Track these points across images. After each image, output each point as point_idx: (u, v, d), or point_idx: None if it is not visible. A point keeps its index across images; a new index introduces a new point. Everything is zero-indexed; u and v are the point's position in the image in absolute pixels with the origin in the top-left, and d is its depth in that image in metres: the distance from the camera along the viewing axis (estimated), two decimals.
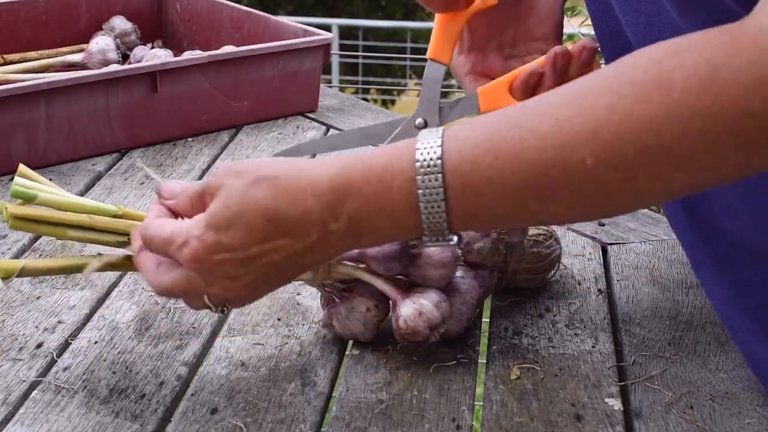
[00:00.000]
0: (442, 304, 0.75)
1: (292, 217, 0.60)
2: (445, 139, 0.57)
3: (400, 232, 0.60)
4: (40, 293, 0.87)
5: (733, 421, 0.71)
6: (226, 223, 0.61)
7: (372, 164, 0.59)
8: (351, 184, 0.59)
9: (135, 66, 1.22)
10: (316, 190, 0.60)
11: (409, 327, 0.74)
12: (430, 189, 0.57)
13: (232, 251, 0.61)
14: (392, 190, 0.58)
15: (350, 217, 0.59)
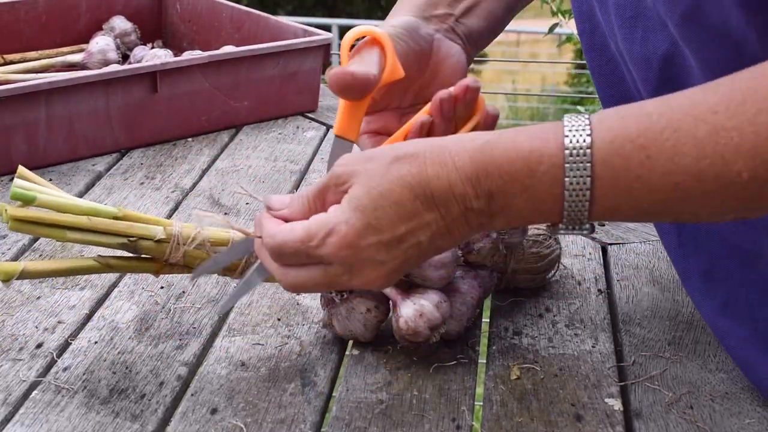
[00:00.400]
0: (442, 304, 0.75)
1: (438, 191, 0.59)
2: (594, 128, 0.57)
3: (536, 216, 0.60)
4: (40, 293, 0.88)
5: (733, 421, 0.71)
6: (372, 204, 0.60)
7: (517, 144, 0.58)
8: (494, 161, 0.58)
9: (135, 66, 1.22)
10: (457, 165, 0.59)
11: (409, 327, 0.74)
12: (577, 177, 0.57)
13: (381, 233, 0.60)
14: (538, 173, 0.57)
15: (490, 195, 0.59)
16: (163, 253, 0.74)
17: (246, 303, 0.86)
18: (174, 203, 1.07)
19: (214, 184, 1.13)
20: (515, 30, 7.68)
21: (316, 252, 0.62)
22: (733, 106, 0.53)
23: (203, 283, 0.90)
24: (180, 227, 0.74)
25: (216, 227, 0.77)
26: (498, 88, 6.86)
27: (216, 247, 0.75)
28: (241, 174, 1.15)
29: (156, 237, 0.74)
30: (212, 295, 0.88)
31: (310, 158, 1.21)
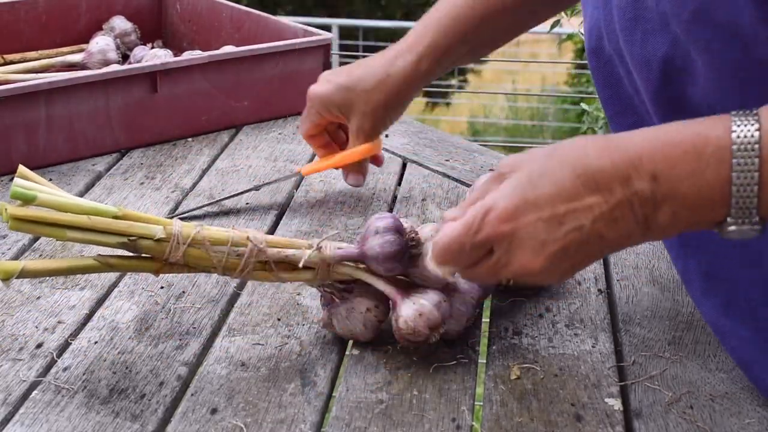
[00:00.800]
0: (442, 304, 0.75)
1: (600, 171, 0.59)
2: (762, 115, 0.57)
3: (703, 205, 0.58)
4: (40, 293, 0.87)
5: (733, 421, 0.71)
6: (532, 183, 0.61)
7: (683, 128, 0.58)
8: (659, 142, 0.58)
9: (135, 66, 1.22)
10: (620, 146, 0.59)
11: (409, 327, 0.74)
12: (745, 159, 0.56)
13: (540, 209, 0.60)
14: (705, 155, 0.57)
15: (654, 176, 0.58)
16: (163, 252, 0.74)
17: (246, 303, 0.86)
18: (174, 203, 1.07)
19: (214, 184, 1.13)
20: None
21: (478, 237, 0.62)
22: None
23: (203, 283, 0.90)
24: (180, 226, 0.74)
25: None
26: (498, 88, 6.86)
27: (215, 246, 0.75)
28: (241, 174, 1.15)
29: (156, 236, 0.74)
30: (212, 295, 0.88)
31: (310, 158, 1.21)
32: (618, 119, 0.77)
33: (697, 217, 0.59)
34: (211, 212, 1.05)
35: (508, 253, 0.63)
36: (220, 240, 0.75)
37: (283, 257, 0.77)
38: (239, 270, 0.76)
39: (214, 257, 0.75)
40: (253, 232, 0.76)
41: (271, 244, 0.77)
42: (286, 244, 0.77)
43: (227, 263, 0.75)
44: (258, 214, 1.04)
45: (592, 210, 0.59)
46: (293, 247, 0.77)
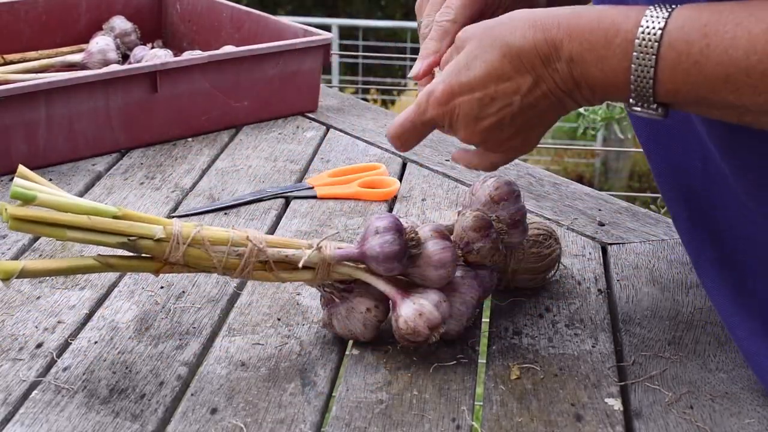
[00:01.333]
0: (442, 304, 0.75)
1: (524, 51, 0.66)
2: (672, 14, 0.61)
3: (611, 88, 0.65)
4: (40, 293, 0.87)
5: (733, 421, 0.71)
6: (465, 65, 0.69)
7: (602, 16, 0.64)
8: (578, 27, 0.64)
9: (135, 66, 1.22)
10: (545, 26, 0.65)
11: (409, 327, 0.74)
12: (644, 54, 0.61)
13: (472, 90, 0.68)
14: (612, 45, 0.63)
15: (570, 59, 0.65)
16: (163, 252, 0.74)
17: (246, 303, 0.86)
18: (174, 203, 1.07)
19: (214, 184, 1.13)
20: None
21: (425, 117, 0.72)
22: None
23: (203, 282, 0.90)
24: (180, 226, 0.74)
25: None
26: None
27: (215, 246, 0.75)
28: (241, 174, 1.15)
29: (156, 236, 0.74)
30: (212, 295, 0.88)
31: (310, 158, 1.21)
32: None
33: (609, 96, 0.66)
34: (211, 212, 1.05)
35: (450, 129, 0.72)
36: (220, 240, 0.75)
37: (283, 257, 0.77)
38: (239, 270, 0.76)
39: (214, 257, 0.75)
40: (252, 232, 0.76)
41: (271, 244, 0.77)
42: (286, 244, 0.77)
43: (227, 263, 0.75)
44: (258, 214, 1.05)
45: (520, 87, 0.67)
46: (293, 247, 0.77)
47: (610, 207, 1.08)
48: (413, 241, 0.76)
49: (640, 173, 5.62)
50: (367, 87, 5.46)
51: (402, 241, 0.76)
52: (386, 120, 1.35)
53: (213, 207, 1.06)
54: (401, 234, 0.76)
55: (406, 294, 0.76)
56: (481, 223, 0.80)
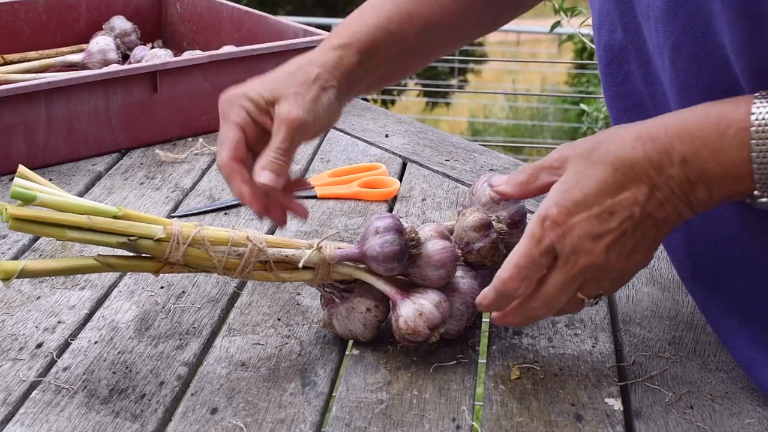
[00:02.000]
0: (442, 304, 0.75)
1: (636, 162, 0.65)
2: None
3: (731, 182, 0.63)
4: (40, 293, 0.88)
5: (733, 421, 0.71)
6: (577, 185, 0.66)
7: (708, 113, 0.63)
8: (686, 129, 0.63)
9: (135, 66, 1.22)
10: (653, 137, 0.65)
11: (409, 327, 0.74)
12: (763, 140, 0.61)
13: (589, 207, 0.66)
14: (727, 136, 0.62)
15: (684, 160, 0.63)
16: (163, 252, 0.74)
17: (246, 303, 0.86)
18: (174, 203, 1.07)
19: (214, 184, 1.13)
20: (515, 30, 7.67)
21: (542, 246, 0.68)
22: None
23: (203, 282, 0.90)
24: (179, 226, 0.74)
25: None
26: (498, 88, 6.86)
27: (215, 246, 0.75)
28: None
29: (156, 236, 0.74)
30: (212, 295, 0.88)
31: (310, 158, 1.21)
32: (624, 117, 0.77)
33: (730, 191, 0.64)
34: (211, 212, 1.05)
35: (572, 253, 0.67)
36: (220, 240, 0.75)
37: (283, 257, 0.77)
38: (239, 270, 0.76)
39: (214, 257, 0.75)
40: (252, 232, 0.76)
41: (271, 244, 0.77)
42: (286, 244, 0.77)
43: (227, 263, 0.75)
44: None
45: (636, 197, 0.65)
46: (293, 247, 0.77)
47: None
48: (413, 241, 0.76)
49: None
50: None
51: (402, 241, 0.76)
52: (386, 120, 1.35)
53: (213, 207, 1.06)
54: (401, 234, 0.76)
55: (406, 294, 0.76)
56: (481, 223, 0.80)
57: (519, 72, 7.20)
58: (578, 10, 2.05)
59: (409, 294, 0.76)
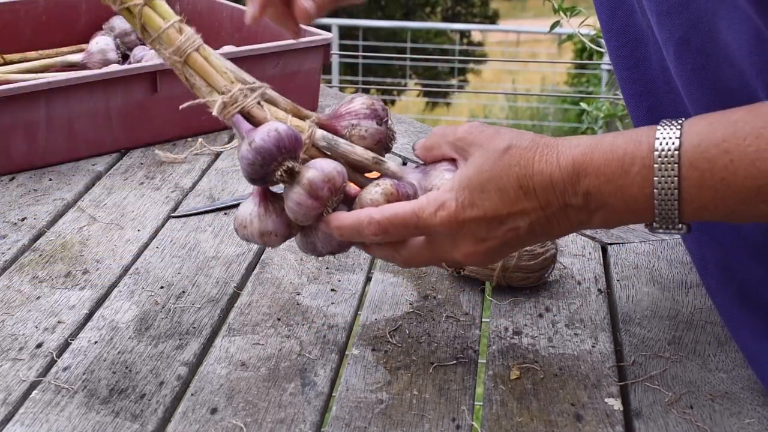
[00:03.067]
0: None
1: (541, 186, 0.65)
2: (684, 131, 0.61)
3: (631, 214, 0.64)
4: (40, 293, 0.88)
5: (733, 421, 0.71)
6: (480, 186, 0.67)
7: (614, 148, 0.63)
8: (592, 163, 0.64)
9: (135, 66, 1.22)
10: (561, 165, 0.65)
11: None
12: (665, 178, 0.61)
13: (484, 211, 0.67)
14: (630, 174, 0.62)
15: (587, 193, 0.64)
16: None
17: (246, 303, 0.86)
18: (174, 203, 1.07)
19: (214, 184, 1.13)
20: (515, 30, 7.67)
21: (425, 222, 0.68)
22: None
23: (203, 282, 0.90)
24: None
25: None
26: (498, 88, 6.86)
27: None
28: (241, 174, 1.15)
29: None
30: (212, 295, 0.88)
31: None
32: (635, 101, 0.78)
33: (628, 221, 0.66)
34: (211, 212, 1.05)
35: (451, 243, 0.69)
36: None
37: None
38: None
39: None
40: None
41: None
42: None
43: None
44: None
45: (530, 215, 0.66)
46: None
47: None
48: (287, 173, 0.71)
49: None
50: (367, 87, 5.45)
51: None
52: None
53: (213, 207, 1.06)
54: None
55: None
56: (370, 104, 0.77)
57: (519, 72, 7.20)
58: (578, 10, 2.05)
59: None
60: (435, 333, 0.82)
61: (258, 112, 0.74)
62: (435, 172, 0.73)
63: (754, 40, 0.62)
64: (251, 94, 0.74)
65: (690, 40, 0.66)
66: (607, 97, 2.60)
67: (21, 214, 1.03)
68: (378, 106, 0.77)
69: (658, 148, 0.61)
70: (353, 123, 0.76)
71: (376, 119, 0.76)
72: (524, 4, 10.73)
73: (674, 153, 0.60)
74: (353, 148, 0.75)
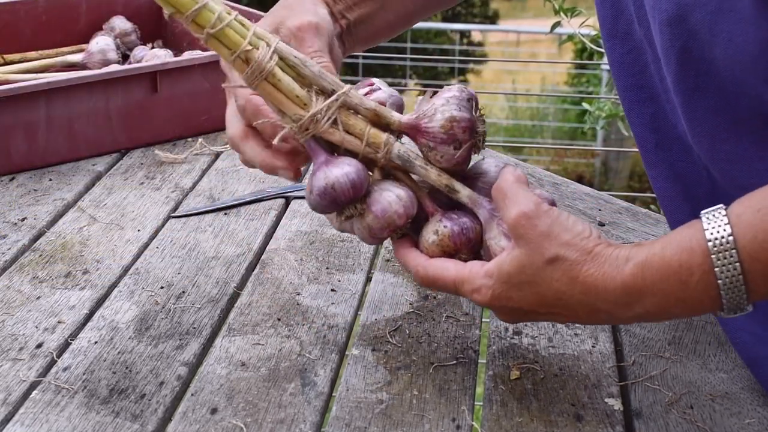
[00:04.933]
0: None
1: (583, 305, 0.65)
2: (733, 223, 0.60)
3: (693, 313, 0.68)
4: (40, 293, 0.88)
5: (733, 421, 0.71)
6: (518, 285, 0.67)
7: (665, 261, 0.62)
8: (645, 284, 0.63)
9: (135, 66, 1.22)
10: (608, 291, 0.64)
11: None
12: (730, 278, 0.60)
13: (519, 305, 0.68)
14: (690, 285, 0.62)
15: (647, 311, 0.64)
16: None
17: (246, 303, 0.86)
18: (174, 203, 1.07)
19: (214, 184, 1.13)
20: (515, 30, 7.67)
21: (462, 294, 0.70)
22: None
23: (203, 283, 0.90)
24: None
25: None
26: (498, 88, 6.86)
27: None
28: (241, 174, 1.15)
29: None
30: (212, 295, 0.88)
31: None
32: (637, 109, 0.77)
33: (689, 316, 0.69)
34: (211, 212, 1.05)
35: (490, 308, 0.71)
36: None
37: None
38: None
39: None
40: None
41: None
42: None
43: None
44: (258, 214, 1.05)
45: (568, 318, 0.68)
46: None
47: (610, 207, 1.08)
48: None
49: (640, 173, 5.62)
50: None
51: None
52: None
53: (213, 207, 1.06)
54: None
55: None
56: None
57: (519, 72, 7.20)
58: (578, 11, 2.05)
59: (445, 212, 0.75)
60: (435, 333, 0.82)
61: (331, 136, 0.73)
62: (498, 228, 0.71)
63: (759, 50, 0.61)
64: (324, 115, 0.72)
65: (691, 49, 0.66)
66: (608, 97, 2.60)
67: (21, 214, 1.03)
68: (458, 128, 0.71)
69: (713, 251, 0.60)
70: (430, 145, 0.73)
71: (453, 144, 0.72)
72: (524, 4, 10.73)
73: (732, 252, 0.60)
74: (427, 172, 0.73)
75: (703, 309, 0.63)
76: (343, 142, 0.73)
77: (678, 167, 0.76)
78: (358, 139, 0.73)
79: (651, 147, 0.77)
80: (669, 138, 0.75)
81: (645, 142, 0.78)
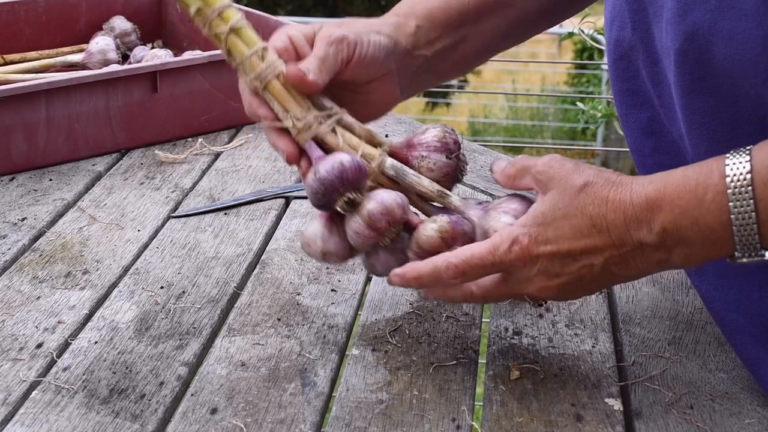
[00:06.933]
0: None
1: (614, 224, 0.66)
2: (753, 155, 0.61)
3: (711, 246, 0.64)
4: (40, 293, 0.88)
5: (733, 421, 0.71)
6: (554, 222, 0.68)
7: (685, 180, 0.64)
8: (665, 198, 0.64)
9: (135, 66, 1.22)
10: (634, 202, 0.65)
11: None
12: (741, 202, 0.61)
13: (558, 247, 0.68)
14: (704, 203, 0.62)
15: (664, 229, 0.64)
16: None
17: (246, 303, 0.86)
18: (174, 203, 1.07)
19: (214, 184, 1.13)
20: None
21: (501, 259, 0.69)
22: None
23: (203, 283, 0.90)
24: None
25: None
26: (498, 88, 6.85)
27: None
28: (241, 174, 1.15)
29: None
30: (212, 295, 0.88)
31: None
32: (633, 114, 0.77)
33: (709, 254, 0.65)
34: (211, 212, 1.05)
35: (527, 278, 0.70)
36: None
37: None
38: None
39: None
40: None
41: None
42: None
43: None
44: (258, 214, 1.05)
45: (603, 252, 0.67)
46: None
47: None
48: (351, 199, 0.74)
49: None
50: None
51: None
52: (386, 120, 1.35)
53: (213, 207, 1.06)
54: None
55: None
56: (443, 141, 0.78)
57: (519, 72, 7.19)
58: None
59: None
60: (435, 333, 0.82)
61: (331, 140, 0.76)
62: (494, 212, 0.74)
63: (760, 48, 0.62)
64: (326, 121, 0.76)
65: (687, 51, 0.66)
66: (605, 97, 2.60)
67: (21, 214, 1.03)
68: (450, 139, 0.78)
69: (730, 174, 0.61)
70: (423, 155, 0.78)
71: (446, 152, 0.78)
72: None
73: (746, 176, 0.60)
74: (420, 180, 0.77)
75: (717, 238, 0.63)
76: (341, 147, 0.75)
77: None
78: (354, 150, 0.76)
79: (648, 151, 0.78)
80: (665, 142, 0.75)
81: (641, 147, 0.78)
